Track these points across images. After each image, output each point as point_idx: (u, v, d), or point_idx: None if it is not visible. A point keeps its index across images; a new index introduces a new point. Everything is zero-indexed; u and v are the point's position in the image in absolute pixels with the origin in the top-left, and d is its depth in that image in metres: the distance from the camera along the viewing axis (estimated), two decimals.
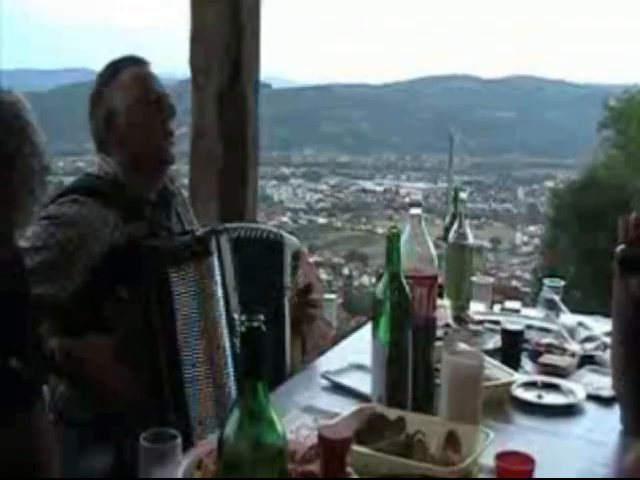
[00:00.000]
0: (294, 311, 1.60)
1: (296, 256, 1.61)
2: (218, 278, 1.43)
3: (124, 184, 1.50)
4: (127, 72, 1.50)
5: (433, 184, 16.76)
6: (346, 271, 14.37)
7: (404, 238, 1.32)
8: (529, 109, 22.16)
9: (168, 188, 1.60)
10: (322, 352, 1.67)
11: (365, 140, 20.93)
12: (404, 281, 1.26)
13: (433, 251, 1.36)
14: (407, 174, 18.92)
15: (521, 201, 17.70)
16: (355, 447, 1.08)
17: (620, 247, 1.21)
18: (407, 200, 1.38)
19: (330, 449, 0.92)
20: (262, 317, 0.81)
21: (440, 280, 1.55)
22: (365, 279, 13.51)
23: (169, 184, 1.60)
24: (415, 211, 1.35)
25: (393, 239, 1.25)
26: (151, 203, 1.54)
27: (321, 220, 16.89)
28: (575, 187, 10.03)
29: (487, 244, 15.13)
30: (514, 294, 2.13)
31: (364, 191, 18.23)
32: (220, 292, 1.43)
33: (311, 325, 1.67)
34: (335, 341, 1.77)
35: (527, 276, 12.43)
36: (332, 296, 1.87)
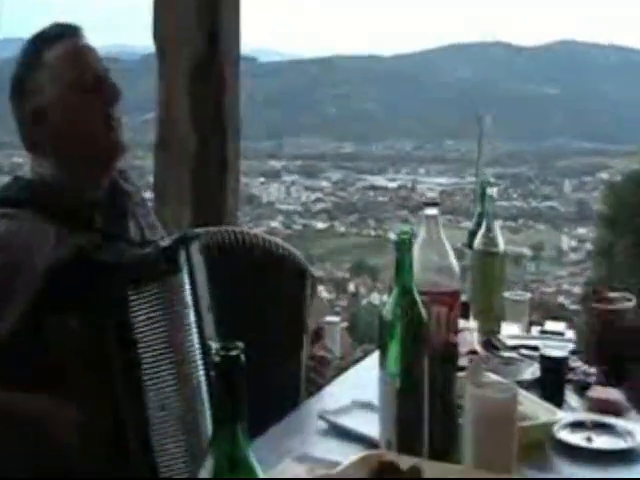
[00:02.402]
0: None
1: (302, 277, 1.62)
2: (189, 299, 1.43)
3: (64, 187, 1.50)
4: (55, 50, 1.48)
5: (459, 178, 16.78)
6: (351, 287, 14.36)
7: (418, 244, 1.33)
8: (577, 82, 22.16)
9: (121, 187, 1.60)
10: (320, 387, 1.68)
11: (374, 125, 20.94)
12: (418, 298, 1.26)
13: (455, 261, 1.37)
14: (426, 167, 18.91)
15: (568, 197, 17.70)
16: None
17: None
18: (424, 198, 1.39)
19: None
20: (241, 345, 0.82)
21: (464, 297, 1.56)
22: (375, 297, 13.49)
23: (122, 182, 1.61)
24: (431, 211, 1.35)
25: (403, 246, 1.25)
26: (101, 207, 1.54)
27: (320, 225, 16.87)
28: (636, 179, 10.00)
29: (526, 251, 15.15)
30: (558, 313, 2.14)
31: (373, 188, 18.22)
32: (192, 316, 1.44)
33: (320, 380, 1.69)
34: (336, 373, 1.78)
35: (577, 290, 12.43)
36: (334, 319, 1.88)
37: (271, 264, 1.58)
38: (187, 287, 1.44)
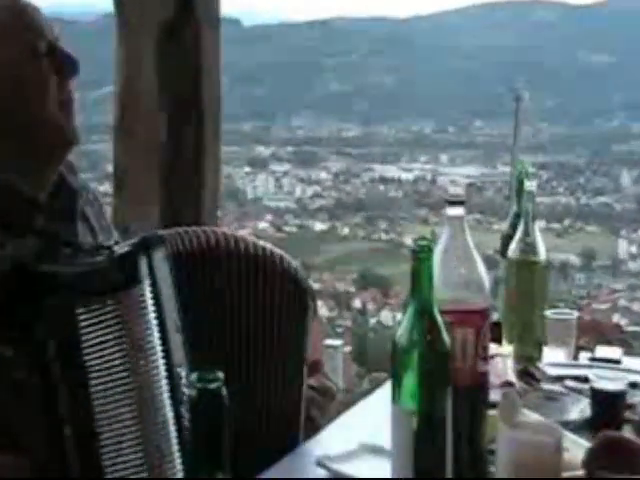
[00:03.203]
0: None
1: (300, 291, 1.62)
2: (152, 317, 1.44)
3: None
4: None
5: (489, 169, 16.82)
6: (357, 303, 14.37)
7: (440, 252, 1.34)
8: (638, 49, 22.10)
9: (69, 183, 1.61)
10: (318, 426, 1.68)
11: (385, 103, 20.95)
12: (439, 318, 1.27)
13: (485, 272, 1.37)
14: (450, 154, 18.92)
15: (626, 192, 17.70)
16: None
17: None
18: (446, 194, 1.40)
19: None
20: (221, 376, 0.83)
21: (495, 316, 1.56)
22: (386, 316, 13.51)
23: (71, 177, 1.61)
24: (456, 211, 1.36)
25: (422, 254, 1.26)
26: (43, 207, 1.54)
27: (319, 225, 16.89)
28: None
29: (573, 259, 15.18)
30: (613, 335, 2.15)
31: (384, 181, 18.24)
32: (156, 339, 1.44)
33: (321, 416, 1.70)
34: (339, 410, 1.78)
35: (637, 307, 12.45)
36: (336, 342, 1.89)
37: (259, 275, 1.58)
38: (149, 303, 1.44)
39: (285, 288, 1.60)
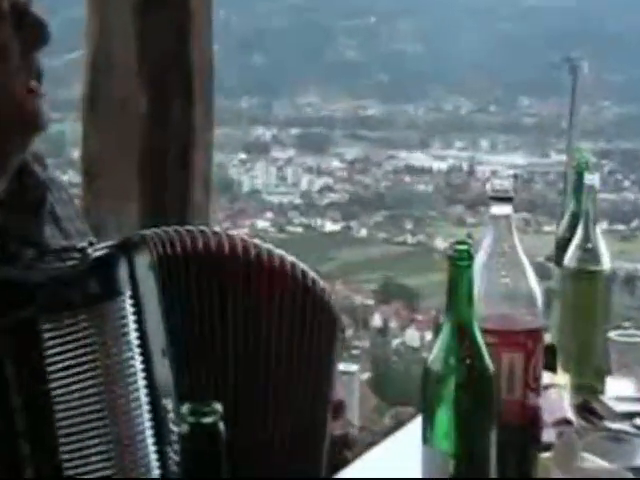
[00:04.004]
0: None
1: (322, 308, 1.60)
2: (133, 336, 1.44)
3: None
4: None
5: (540, 157, 16.78)
6: (377, 320, 14.35)
7: (481, 259, 1.35)
8: None
9: (36, 176, 1.62)
10: (333, 469, 1.69)
11: (412, 75, 20.95)
12: (481, 339, 1.28)
13: (536, 283, 1.38)
14: (491, 138, 18.88)
15: None
16: None
17: None
18: (488, 189, 1.42)
19: None
20: (219, 408, 0.84)
21: (549, 337, 1.56)
22: (413, 336, 13.48)
23: (36, 168, 1.63)
24: (501, 209, 1.37)
25: (460, 261, 1.27)
26: (2, 203, 1.54)
27: (330, 225, 16.87)
28: None
29: None
30: None
31: (410, 171, 18.20)
32: (138, 362, 1.44)
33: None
34: (356, 451, 1.79)
35: None
36: (351, 368, 1.88)
37: (275, 292, 1.57)
38: (130, 319, 1.44)
39: (308, 314, 1.59)
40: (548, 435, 1.49)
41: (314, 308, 1.59)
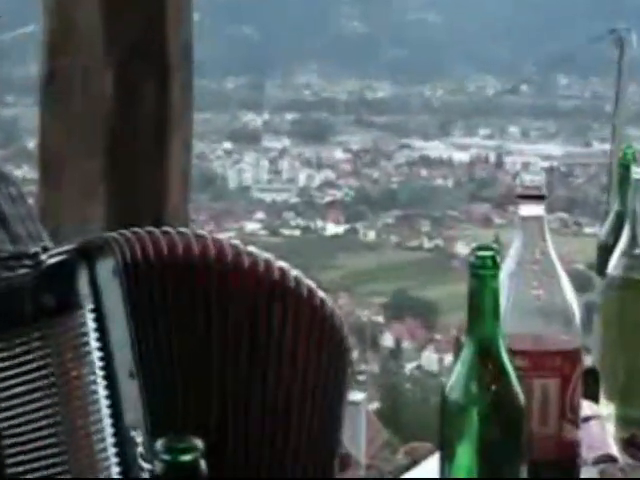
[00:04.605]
0: None
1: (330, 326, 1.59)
2: (96, 356, 1.44)
3: None
4: None
5: (579, 146, 16.84)
6: (388, 340, 14.41)
7: (509, 267, 1.35)
8: None
9: None
10: None
11: (428, 50, 21.03)
12: (508, 363, 1.27)
13: (573, 296, 1.39)
14: (522, 124, 18.95)
15: None
16: None
17: None
18: (517, 184, 1.42)
19: None
20: (200, 445, 0.84)
21: (589, 360, 1.56)
22: (430, 358, 13.53)
23: None
24: (533, 209, 1.37)
25: (484, 270, 1.27)
26: None
27: (332, 227, 16.94)
28: None
29: None
30: None
31: (427, 163, 18.27)
32: (101, 386, 1.44)
33: None
34: None
35: None
36: (357, 396, 1.90)
37: (275, 309, 1.56)
38: (92, 336, 1.44)
39: (314, 341, 1.58)
40: (589, 473, 1.49)
41: (321, 336, 1.59)
